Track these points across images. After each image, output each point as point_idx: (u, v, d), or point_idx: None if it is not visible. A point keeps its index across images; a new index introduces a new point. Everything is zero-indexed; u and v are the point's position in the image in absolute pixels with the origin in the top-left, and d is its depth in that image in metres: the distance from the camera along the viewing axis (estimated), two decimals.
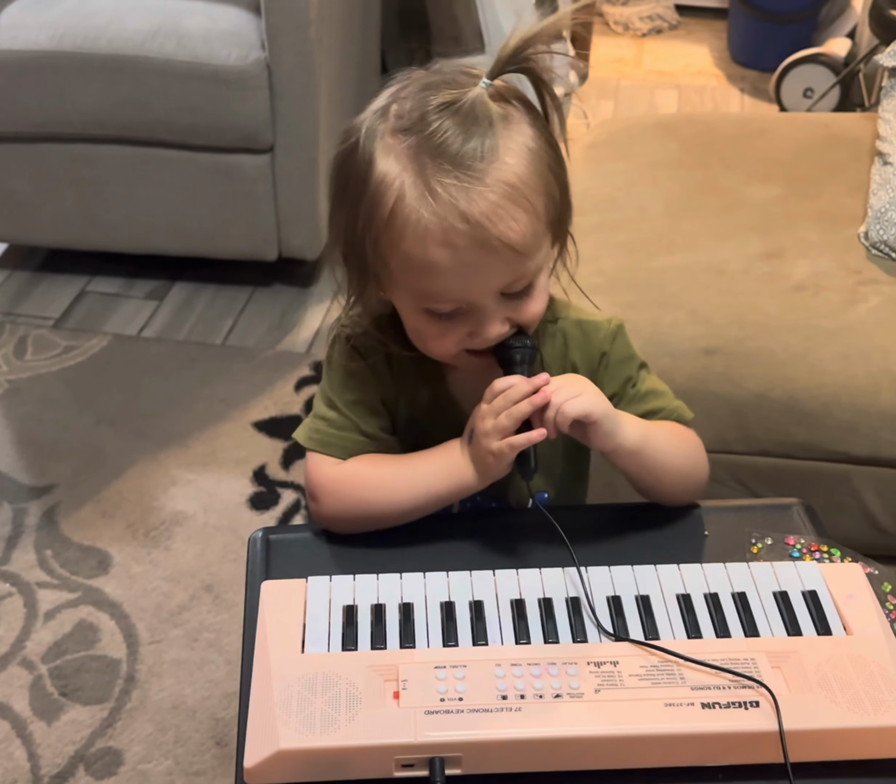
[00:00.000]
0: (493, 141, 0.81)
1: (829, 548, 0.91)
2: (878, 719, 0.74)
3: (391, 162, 0.82)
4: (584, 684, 0.75)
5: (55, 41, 2.03)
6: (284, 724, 0.73)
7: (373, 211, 0.82)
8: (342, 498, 0.92)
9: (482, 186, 0.80)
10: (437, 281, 0.83)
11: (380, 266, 0.85)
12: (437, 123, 0.80)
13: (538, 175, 0.83)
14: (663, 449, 0.93)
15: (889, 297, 1.43)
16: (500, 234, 0.80)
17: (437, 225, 0.80)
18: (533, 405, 0.85)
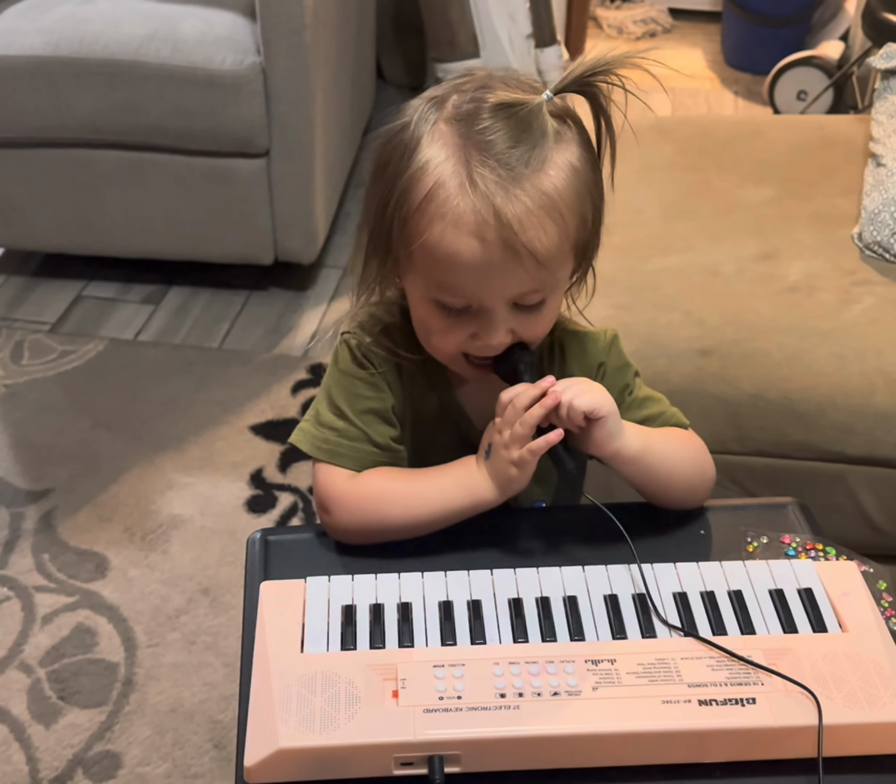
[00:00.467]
0: (541, 151, 0.82)
1: (824, 546, 0.91)
2: (873, 715, 0.75)
3: (438, 147, 0.83)
4: (581, 682, 0.76)
5: (51, 47, 2.03)
6: (284, 723, 0.73)
7: (409, 191, 0.83)
8: (356, 512, 0.91)
9: (520, 190, 0.81)
10: (456, 274, 0.83)
11: (403, 248, 0.86)
12: (491, 121, 0.81)
13: (576, 194, 0.84)
14: (665, 455, 0.92)
15: (883, 298, 1.44)
16: (528, 241, 0.81)
17: (470, 216, 0.81)
18: (544, 407, 0.85)
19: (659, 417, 0.97)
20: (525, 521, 0.95)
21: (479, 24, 2.40)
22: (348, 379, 0.94)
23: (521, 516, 0.96)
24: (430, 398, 0.97)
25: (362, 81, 2.66)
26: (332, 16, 2.18)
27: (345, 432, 0.93)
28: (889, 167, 1.57)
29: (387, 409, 0.95)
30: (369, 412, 0.94)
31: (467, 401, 0.98)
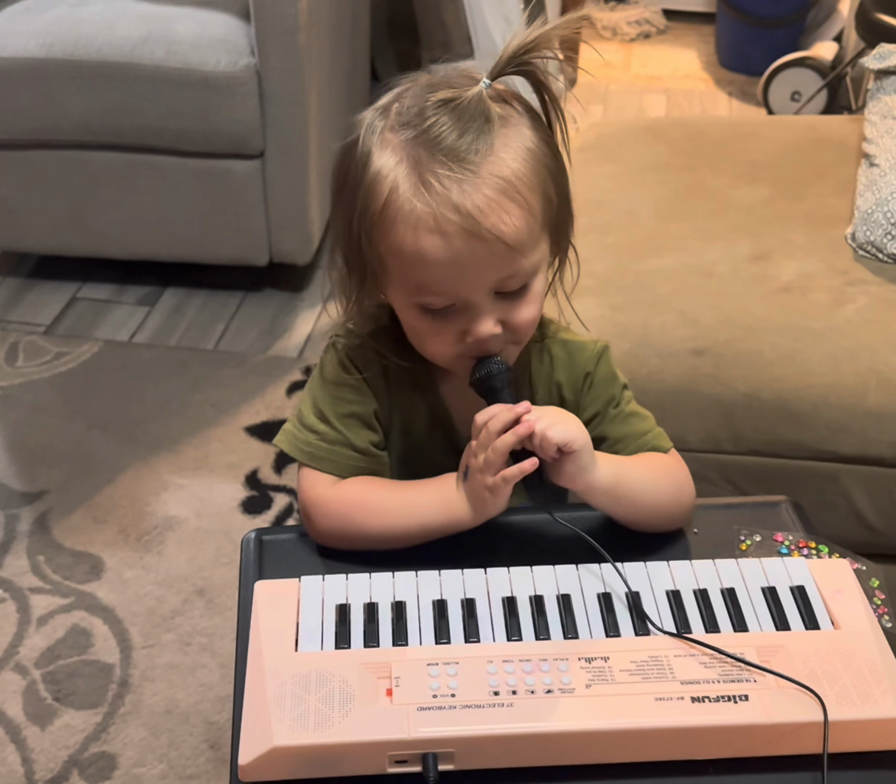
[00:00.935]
0: (489, 137, 0.82)
1: (816, 544, 0.92)
2: (865, 712, 0.75)
3: (387, 155, 0.83)
4: (575, 680, 0.76)
5: (45, 48, 2.03)
6: (278, 721, 0.73)
7: (368, 203, 0.83)
8: (336, 519, 0.91)
9: (476, 179, 0.81)
10: (429, 272, 0.83)
11: (375, 260, 0.86)
12: (434, 118, 0.82)
13: (534, 174, 0.84)
14: (638, 487, 0.91)
15: (876, 298, 1.45)
16: (492, 227, 0.81)
17: (428, 214, 0.81)
18: (517, 435, 0.84)
19: (640, 437, 0.96)
20: (519, 520, 0.95)
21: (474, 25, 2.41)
22: (332, 382, 0.95)
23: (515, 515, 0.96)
24: (418, 402, 0.97)
25: (357, 82, 2.66)
26: (327, 17, 2.18)
27: (325, 435, 0.93)
28: (882, 167, 1.57)
29: (369, 414, 0.95)
30: (351, 416, 0.94)
31: (453, 404, 0.98)
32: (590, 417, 0.96)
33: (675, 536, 0.94)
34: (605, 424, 0.96)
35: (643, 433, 0.96)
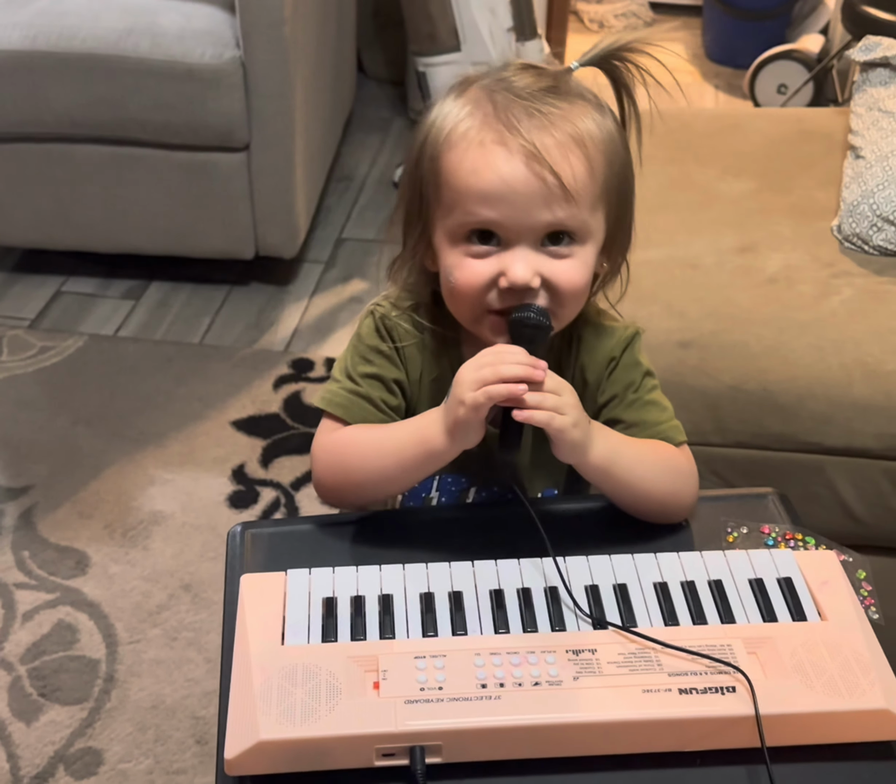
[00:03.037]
0: (568, 97, 0.85)
1: (803, 536, 0.92)
2: (852, 703, 0.75)
3: (464, 99, 0.86)
4: (562, 672, 0.76)
5: (29, 41, 2.02)
6: (265, 715, 0.73)
7: (437, 135, 0.86)
8: (328, 463, 0.92)
9: (548, 123, 0.83)
10: (482, 194, 0.83)
11: (432, 192, 0.87)
12: (517, 75, 0.85)
13: (603, 141, 0.85)
14: (634, 471, 0.90)
15: (861, 290, 1.45)
16: (554, 163, 0.82)
17: (497, 132, 0.83)
18: (526, 373, 0.81)
19: (654, 426, 0.95)
20: (505, 513, 0.95)
21: (460, 17, 2.40)
22: (364, 346, 0.96)
23: (501, 507, 0.96)
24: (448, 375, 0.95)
25: (343, 75, 2.65)
26: (312, 9, 2.17)
27: (345, 385, 0.95)
28: (868, 159, 1.57)
29: (392, 380, 0.95)
30: (373, 377, 0.95)
31: None
32: (607, 399, 0.96)
33: (663, 528, 0.94)
34: (622, 408, 0.95)
35: (658, 423, 0.95)
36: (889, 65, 1.68)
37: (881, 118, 1.62)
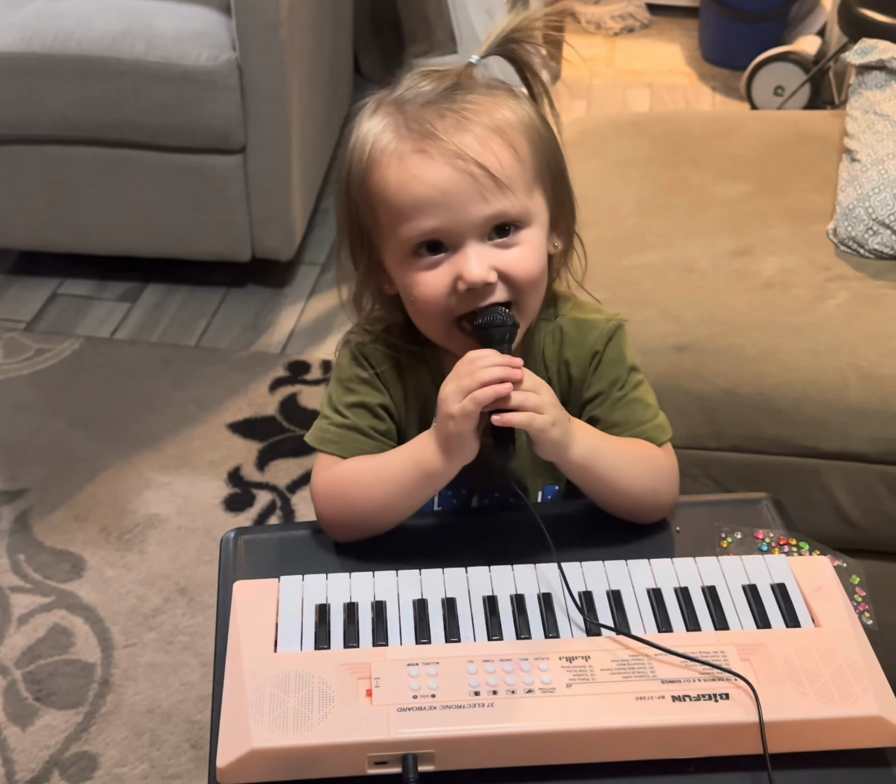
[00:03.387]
0: (475, 91, 0.85)
1: (797, 541, 0.92)
2: (846, 710, 0.75)
3: (377, 119, 0.87)
4: (555, 679, 0.76)
5: (24, 43, 2.01)
6: (257, 723, 0.73)
7: (359, 157, 0.86)
8: (329, 499, 0.92)
9: (461, 119, 0.83)
10: (417, 205, 0.83)
11: (370, 219, 0.87)
12: (420, 81, 0.86)
13: (521, 124, 0.86)
14: (616, 469, 0.90)
15: (857, 293, 1.45)
16: (478, 156, 0.82)
17: (414, 144, 0.83)
18: (505, 373, 0.82)
19: (637, 426, 0.94)
20: (499, 518, 0.95)
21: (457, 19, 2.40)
22: (345, 376, 0.96)
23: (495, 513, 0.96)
24: (431, 392, 0.96)
25: (339, 77, 2.65)
26: (308, 11, 2.17)
27: (333, 420, 0.95)
28: (863, 163, 1.57)
29: (377, 406, 0.95)
30: (358, 405, 0.95)
31: None
32: (592, 396, 0.96)
33: (657, 534, 0.94)
34: (607, 406, 0.95)
35: (641, 422, 0.95)
36: (885, 68, 1.68)
37: (877, 121, 1.62)
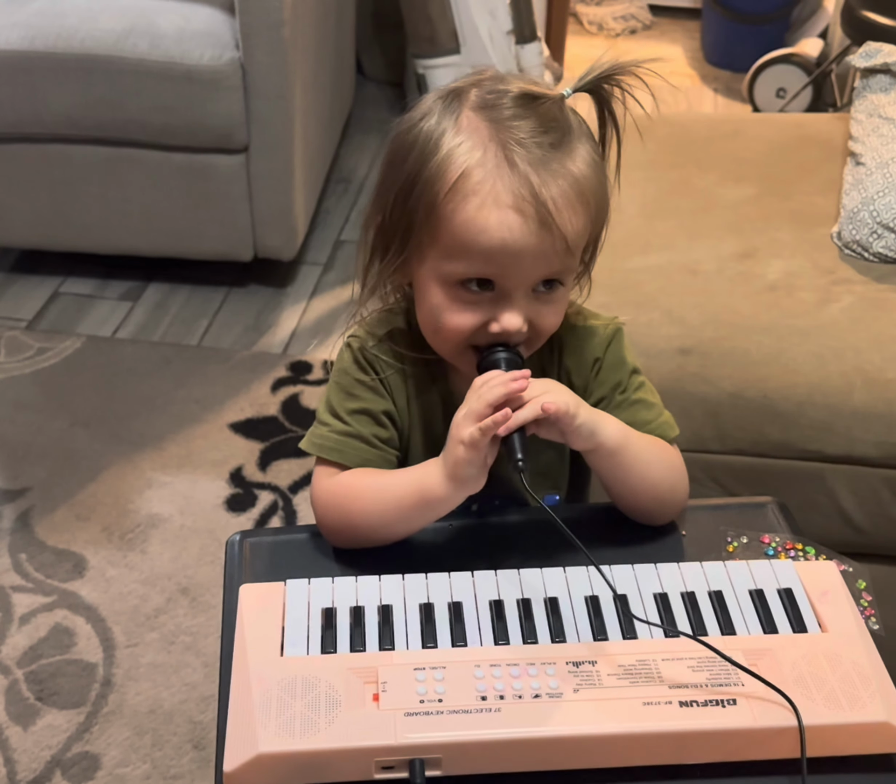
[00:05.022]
0: (569, 139, 0.85)
1: (803, 546, 0.92)
2: (853, 715, 0.75)
3: (467, 133, 0.85)
4: (562, 684, 0.76)
5: (27, 41, 2.01)
6: (264, 727, 0.73)
7: (439, 175, 0.84)
8: (329, 508, 0.92)
9: (555, 172, 0.83)
10: (488, 251, 0.83)
11: (427, 233, 0.86)
12: (517, 109, 0.84)
13: (597, 182, 0.87)
14: (643, 456, 0.90)
15: (862, 297, 1.45)
16: (562, 223, 0.83)
17: (509, 192, 0.82)
18: (508, 388, 0.82)
19: (643, 426, 0.95)
20: (505, 523, 0.95)
21: (459, 20, 2.40)
22: (347, 380, 0.95)
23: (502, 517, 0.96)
24: (435, 400, 0.97)
25: (342, 77, 2.65)
26: (312, 11, 2.17)
27: (334, 427, 0.94)
28: (868, 166, 1.57)
29: (380, 413, 0.94)
30: (360, 412, 0.94)
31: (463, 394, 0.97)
32: (595, 402, 0.96)
33: (663, 538, 0.94)
34: (610, 410, 0.95)
35: (647, 422, 0.95)
36: (889, 71, 1.68)
37: (881, 125, 1.62)
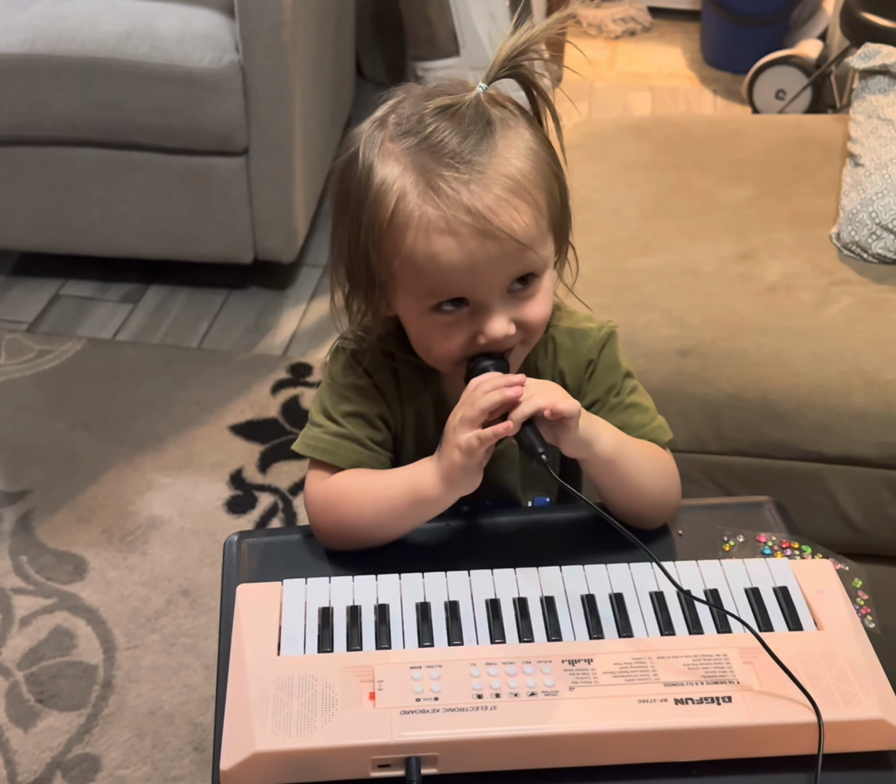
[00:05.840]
0: (492, 139, 0.83)
1: (800, 545, 0.92)
2: (848, 713, 0.75)
3: (391, 165, 0.84)
4: (558, 682, 0.76)
5: (28, 44, 2.02)
6: (260, 726, 0.73)
7: (375, 213, 0.84)
8: (322, 510, 0.92)
9: (484, 179, 0.82)
10: (443, 275, 0.83)
11: (384, 272, 0.86)
12: (435, 125, 0.82)
13: (538, 172, 0.85)
14: (638, 464, 0.90)
15: (861, 298, 1.45)
16: (504, 225, 0.81)
17: (440, 217, 0.81)
18: (503, 396, 0.82)
19: (636, 430, 0.95)
20: (502, 522, 0.95)
21: (459, 22, 2.40)
22: (339, 384, 0.95)
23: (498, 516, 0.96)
24: (427, 403, 0.97)
25: (342, 79, 2.65)
26: (311, 14, 2.17)
27: (328, 429, 0.94)
28: (867, 167, 1.57)
29: (374, 416, 0.94)
30: (354, 415, 0.94)
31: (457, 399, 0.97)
32: (589, 404, 0.96)
33: (659, 537, 0.94)
34: (604, 413, 0.95)
35: (640, 426, 0.95)
36: (888, 73, 1.68)
37: (880, 126, 1.62)
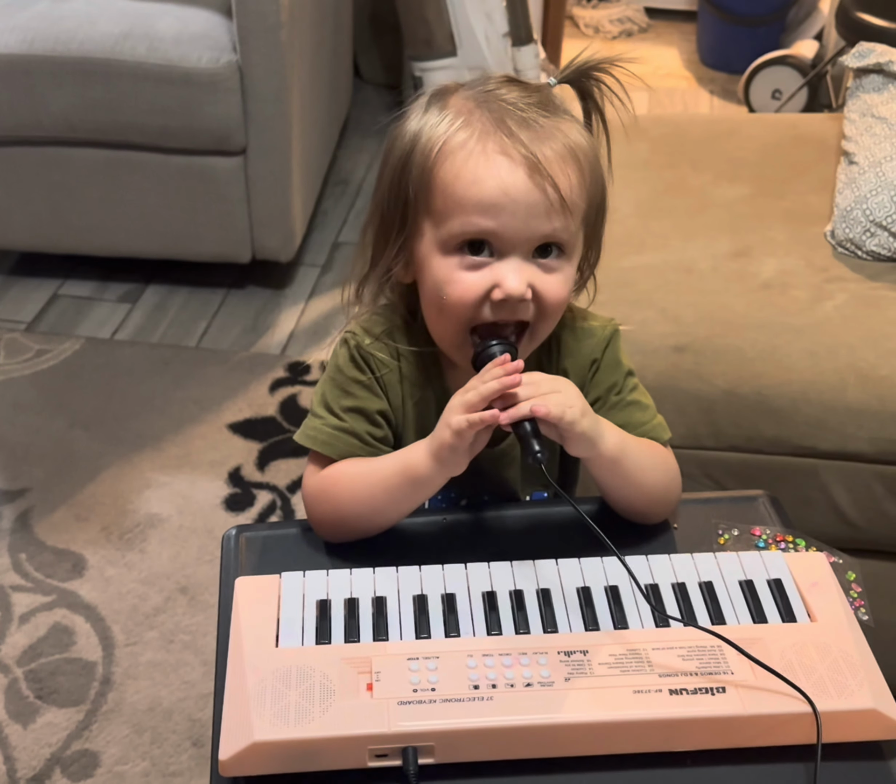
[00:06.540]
0: (556, 114, 0.86)
1: (794, 538, 0.92)
2: (841, 703, 0.76)
3: (454, 108, 0.86)
4: (554, 673, 0.76)
5: (26, 44, 2.02)
6: (259, 716, 0.73)
7: (428, 146, 0.85)
8: (319, 500, 0.92)
9: (544, 133, 0.84)
10: (481, 205, 0.83)
11: (421, 202, 0.87)
12: (505, 87, 0.86)
13: (592, 155, 0.87)
14: (640, 463, 0.91)
15: (855, 295, 1.45)
16: (554, 174, 0.83)
17: (497, 142, 0.83)
18: (501, 384, 0.83)
19: (637, 428, 0.95)
20: (499, 516, 0.96)
21: (456, 22, 2.41)
22: (342, 378, 0.95)
23: (495, 510, 0.97)
24: (430, 399, 0.97)
25: (339, 79, 2.66)
26: (309, 14, 2.18)
27: (328, 421, 0.94)
28: (861, 165, 1.58)
29: (373, 411, 0.95)
30: (355, 410, 0.94)
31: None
32: (591, 402, 0.95)
33: (654, 531, 0.94)
34: (605, 410, 0.96)
35: (641, 424, 0.96)
36: (882, 71, 1.69)
37: (874, 124, 1.63)
